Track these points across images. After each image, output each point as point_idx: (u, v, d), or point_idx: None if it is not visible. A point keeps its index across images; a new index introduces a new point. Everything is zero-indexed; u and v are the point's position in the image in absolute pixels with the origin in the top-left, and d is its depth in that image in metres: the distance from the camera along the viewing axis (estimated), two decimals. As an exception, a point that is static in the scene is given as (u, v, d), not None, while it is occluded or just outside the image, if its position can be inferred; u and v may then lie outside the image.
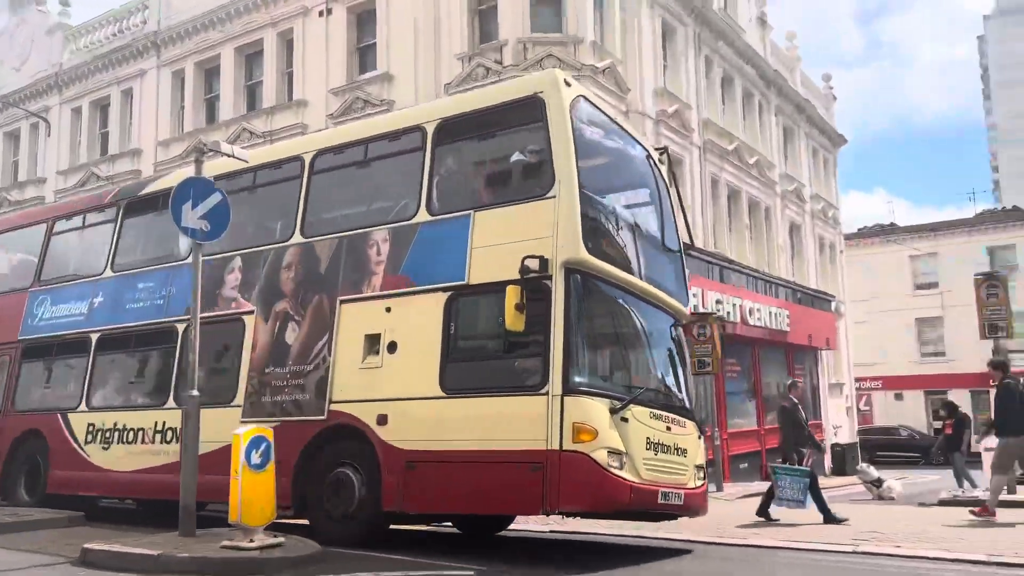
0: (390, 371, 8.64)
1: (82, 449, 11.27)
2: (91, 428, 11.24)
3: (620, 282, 8.46)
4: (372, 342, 8.86)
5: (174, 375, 10.54)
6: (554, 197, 8.04)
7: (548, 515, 7.93)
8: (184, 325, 10.29)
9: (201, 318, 9.13)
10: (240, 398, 9.78)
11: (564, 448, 7.42)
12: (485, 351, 8.47)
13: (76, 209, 13.86)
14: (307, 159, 10.08)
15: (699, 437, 9.35)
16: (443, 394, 8.22)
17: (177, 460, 9.27)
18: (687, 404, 9.39)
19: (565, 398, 7.50)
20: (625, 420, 7.81)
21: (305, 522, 9.22)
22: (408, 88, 20.58)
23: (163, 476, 10.12)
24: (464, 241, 8.47)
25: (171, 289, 10.93)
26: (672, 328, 9.57)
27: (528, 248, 7.95)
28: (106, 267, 11.85)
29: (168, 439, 10.36)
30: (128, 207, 12.11)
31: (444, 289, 8.50)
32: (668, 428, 8.47)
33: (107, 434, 11.05)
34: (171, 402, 10.49)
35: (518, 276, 7.85)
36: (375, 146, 9.82)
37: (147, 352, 11.51)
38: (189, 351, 8.99)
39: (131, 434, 10.81)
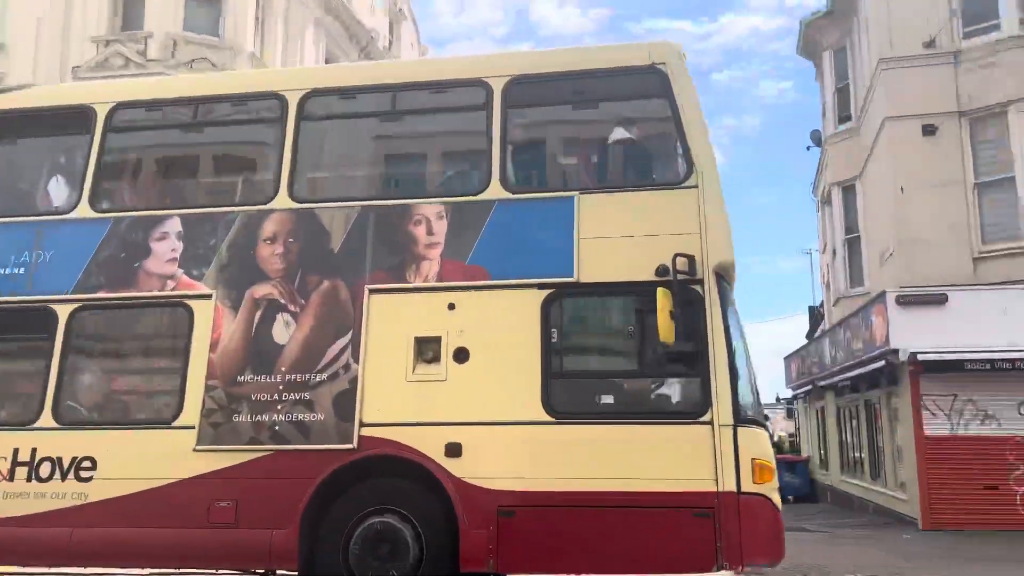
0: (461, 386, 6.60)
1: None
2: None
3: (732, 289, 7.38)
4: (427, 347, 6.73)
5: (52, 379, 7.11)
6: (695, 187, 6.77)
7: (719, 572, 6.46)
8: (70, 307, 7.06)
9: (107, 300, 6.32)
10: (189, 416, 6.83)
11: (743, 491, 6.12)
12: (608, 365, 6.85)
13: None
14: (291, 100, 7.50)
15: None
16: (549, 418, 6.43)
17: (62, 508, 6.25)
18: None
19: (738, 428, 6.22)
20: None
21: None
22: (26, 63, 18.51)
23: (21, 531, 6.74)
24: (568, 229, 6.80)
25: (42, 254, 7.45)
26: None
27: (665, 245, 6.58)
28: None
29: (43, 476, 6.92)
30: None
31: (541, 286, 6.73)
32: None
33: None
34: (46, 418, 7.05)
35: (656, 277, 6.46)
36: (407, 95, 7.63)
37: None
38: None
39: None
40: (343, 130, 7.84)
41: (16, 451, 7.00)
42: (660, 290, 6.28)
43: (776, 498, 6.28)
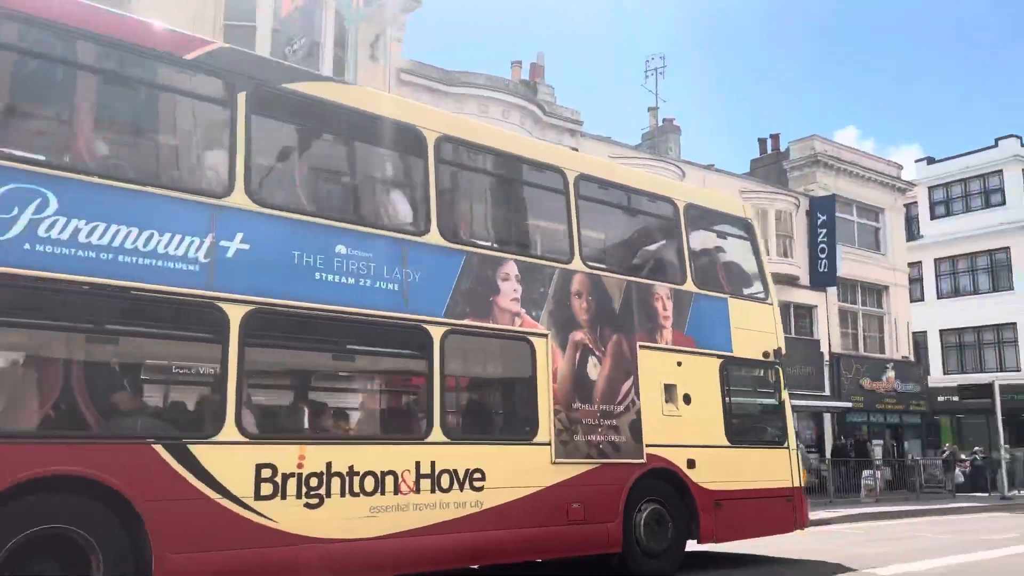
0: (688, 419, 9.81)
1: (249, 509, 6.39)
2: (269, 472, 6.53)
3: None
4: (670, 391, 9.72)
5: (434, 395, 7.66)
6: (771, 304, 11.30)
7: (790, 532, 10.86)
8: (443, 330, 7.93)
9: (473, 328, 8.20)
10: (544, 434, 8.40)
11: (797, 485, 10.89)
12: (746, 411, 10.66)
13: (111, 28, 6.50)
14: (570, 178, 9.39)
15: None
16: (728, 444, 10.17)
17: (471, 513, 7.80)
18: None
19: (792, 451, 10.96)
20: None
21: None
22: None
23: (449, 538, 7.52)
24: (725, 320, 10.60)
25: (412, 274, 7.74)
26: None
27: (762, 339, 10.99)
28: (232, 186, 6.80)
29: (446, 486, 7.55)
30: (261, 100, 7.15)
31: (718, 356, 10.36)
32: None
33: (313, 481, 6.75)
34: (439, 433, 7.60)
35: (761, 358, 10.86)
36: (636, 195, 10.18)
37: (369, 355, 7.42)
38: (447, 364, 7.85)
39: (370, 481, 7.07)
40: (599, 210, 9.83)
41: (419, 463, 7.44)
42: (778, 368, 10.67)
43: (802, 490, 11.25)
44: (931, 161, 41.21)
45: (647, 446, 9.26)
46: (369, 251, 7.49)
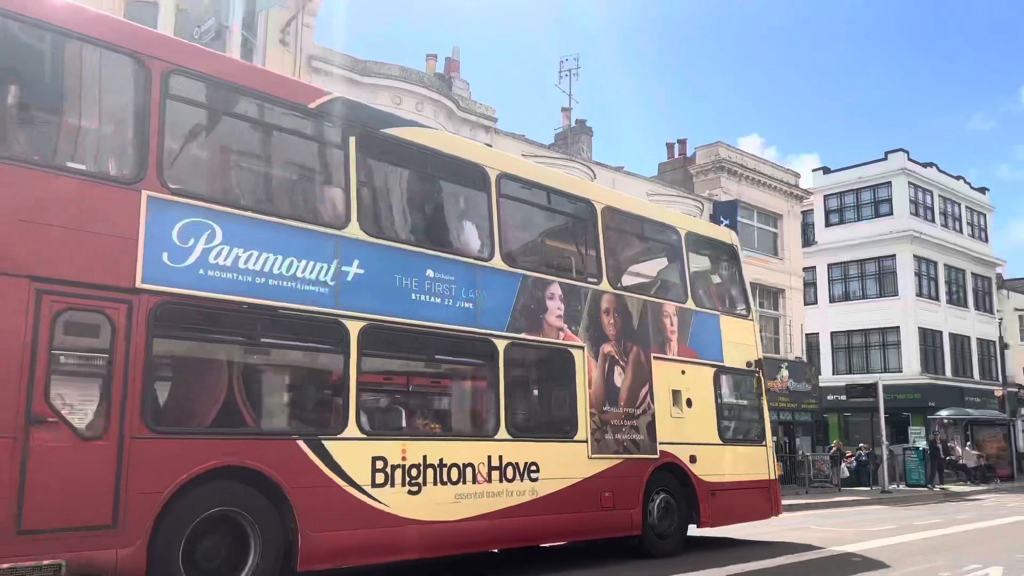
0: (690, 421, 11.35)
1: (367, 495, 7.56)
2: (382, 463, 7.71)
3: None
4: (676, 396, 11.24)
5: (500, 399, 8.95)
6: (752, 321, 12.97)
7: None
8: (505, 343, 9.24)
9: (528, 340, 9.62)
10: (582, 433, 9.79)
11: (773, 478, 12.58)
12: (733, 413, 12.24)
13: (224, 76, 7.48)
14: (598, 208, 10.81)
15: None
16: (720, 442, 11.76)
17: (529, 500, 9.18)
18: None
19: (768, 448, 12.64)
20: None
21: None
22: None
23: (514, 521, 8.82)
24: (718, 334, 12.20)
25: (482, 294, 9.00)
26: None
27: (745, 351, 12.64)
28: (348, 219, 7.95)
29: (510, 476, 8.84)
30: (366, 142, 8.30)
31: (711, 365, 11.94)
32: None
33: (415, 472, 7.95)
34: (503, 432, 8.89)
35: (745, 367, 12.52)
36: (651, 224, 11.65)
37: (448, 363, 8.60)
38: (508, 372, 9.23)
39: (456, 471, 8.31)
40: (619, 238, 11.23)
41: (490, 457, 8.70)
42: (759, 376, 12.34)
43: (775, 482, 12.94)
44: (827, 171, 43.29)
45: (660, 443, 10.75)
46: (451, 274, 8.72)
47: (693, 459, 11.18)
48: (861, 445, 32.31)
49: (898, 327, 39.30)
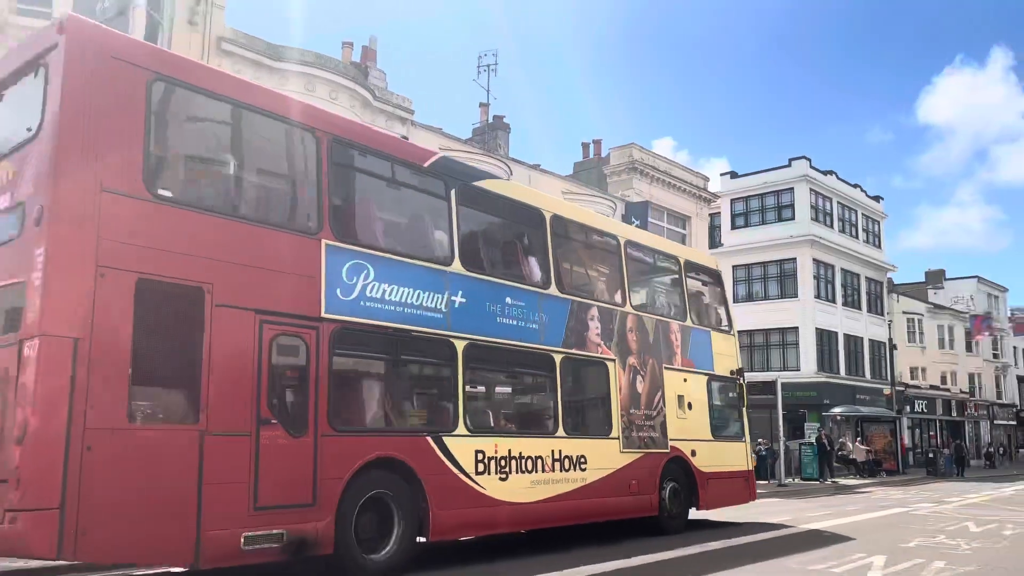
0: (690, 421, 13.55)
1: (472, 481, 9.42)
2: (481, 456, 9.58)
3: None
4: (680, 400, 13.41)
5: (558, 403, 10.92)
6: (733, 335, 15.28)
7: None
8: (559, 356, 11.24)
9: (577, 355, 11.74)
10: (616, 432, 11.86)
11: (750, 468, 14.92)
12: (721, 414, 14.46)
13: (372, 144, 9.36)
14: (621, 242, 12.90)
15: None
16: (712, 438, 14.01)
17: (580, 486, 11.26)
18: None
19: (746, 444, 14.97)
20: None
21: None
22: None
23: (572, 503, 10.81)
24: (709, 347, 14.46)
25: (544, 317, 10.96)
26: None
27: (729, 361, 14.96)
28: (453, 257, 9.80)
29: (567, 467, 10.81)
30: (463, 194, 10.15)
31: (705, 374, 14.17)
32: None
33: (503, 463, 9.85)
34: (561, 431, 10.86)
35: (729, 375, 14.82)
36: (660, 255, 13.81)
37: (521, 374, 10.48)
38: (564, 382, 11.39)
39: (531, 462, 10.24)
40: (635, 266, 13.30)
41: (553, 451, 10.66)
42: (740, 382, 14.66)
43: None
44: (734, 175, 44.94)
45: (670, 440, 12.90)
46: (522, 301, 10.64)
47: (693, 453, 13.38)
48: (760, 441, 34.50)
49: (797, 327, 41.09)
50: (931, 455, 41.01)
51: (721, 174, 46.40)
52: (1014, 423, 63.92)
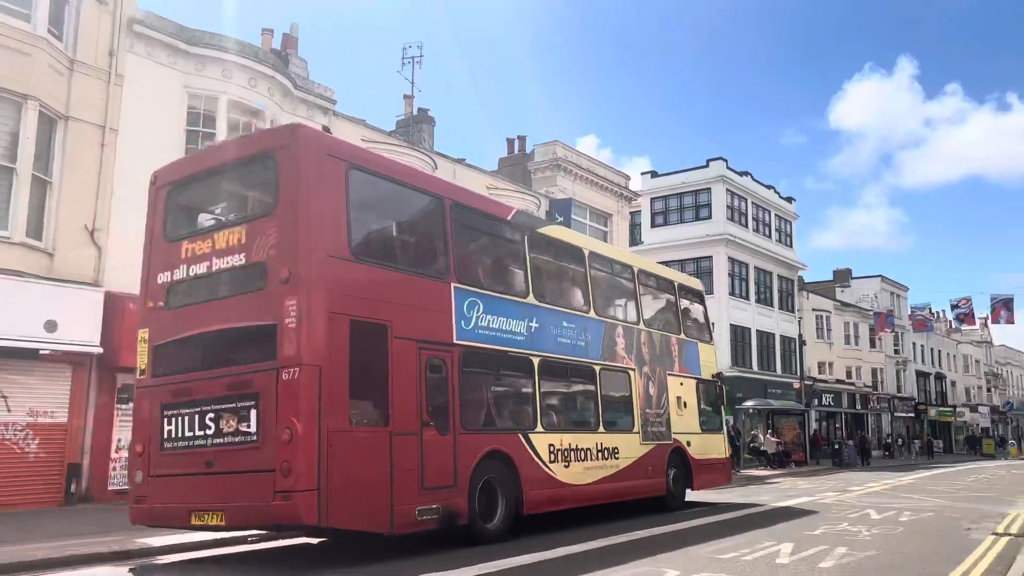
0: (685, 417, 16.49)
1: (548, 468, 12.05)
2: (552, 448, 12.22)
3: None
4: (678, 400, 16.33)
5: (599, 406, 13.66)
6: (713, 345, 18.32)
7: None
8: (598, 366, 14.01)
9: (611, 366, 14.63)
10: (637, 427, 14.67)
11: (728, 456, 17.99)
12: (706, 411, 17.42)
13: (482, 207, 12.18)
14: (634, 269, 15.72)
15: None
16: (700, 431, 16.99)
17: (615, 471, 14.12)
18: None
19: (724, 435, 18.02)
20: None
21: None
22: None
23: (610, 485, 13.59)
24: (697, 356, 17.45)
25: (588, 336, 13.66)
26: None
27: (711, 367, 18.00)
28: (528, 292, 12.41)
29: (606, 456, 13.55)
30: (532, 240, 12.75)
31: (694, 378, 17.14)
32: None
33: (566, 453, 12.50)
34: (601, 428, 13.59)
35: (711, 378, 17.87)
36: (661, 280, 16.70)
37: (574, 383, 13.11)
38: (602, 388, 14.30)
39: (583, 453, 12.92)
40: (644, 289, 16.09)
41: (596, 443, 13.37)
42: (720, 384, 17.74)
43: (726, 459, 18.36)
44: (654, 175, 45.82)
45: (673, 433, 15.79)
46: (572, 324, 13.31)
47: (688, 444, 16.32)
48: None
49: (713, 323, 43.77)
50: (836, 446, 43.11)
51: (642, 173, 46.94)
52: (912, 415, 68.03)
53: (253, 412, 8.75)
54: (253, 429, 8.72)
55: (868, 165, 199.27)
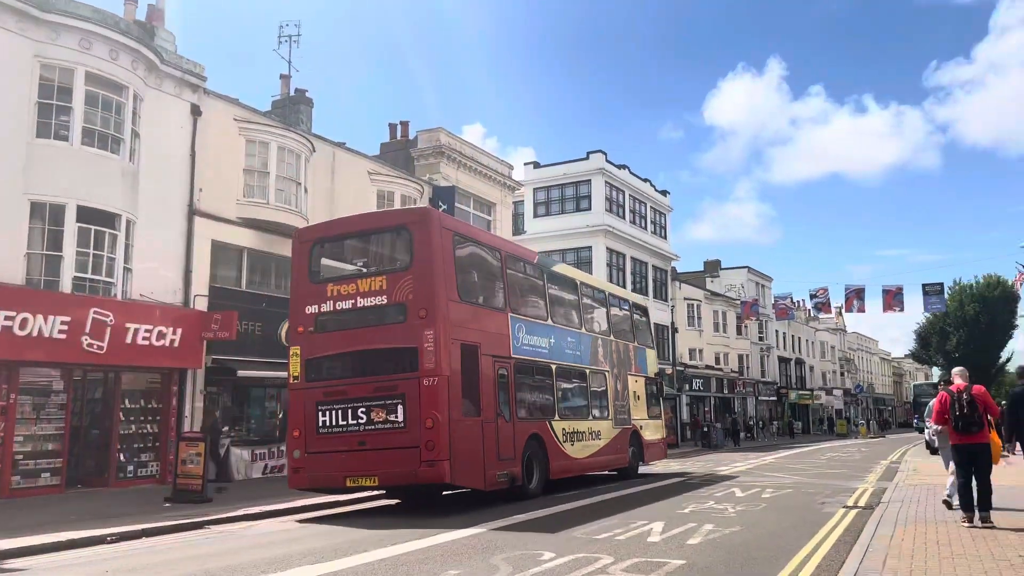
0: (639, 407, 21.24)
1: (563, 446, 16.42)
2: (564, 431, 16.59)
3: None
4: (634, 394, 21.04)
5: (588, 399, 18.15)
6: (654, 349, 23.18)
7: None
8: (588, 369, 18.54)
9: (595, 369, 19.32)
10: (610, 416, 19.29)
11: (665, 436, 22.91)
12: (651, 402, 22.17)
13: (521, 255, 16.44)
14: (606, 293, 20.30)
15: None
16: (648, 418, 21.79)
17: (598, 448, 18.78)
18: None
19: (662, 421, 22.88)
20: None
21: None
22: None
23: (597, 459, 18.13)
24: (645, 359, 22.26)
25: (581, 346, 18.11)
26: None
27: (654, 366, 22.88)
28: (548, 316, 16.72)
29: (593, 437, 18.05)
30: (548, 276, 17.07)
31: (643, 376, 21.91)
32: (614, 429, 23.89)
33: (572, 435, 16.90)
34: (590, 416, 18.09)
35: (654, 376, 22.73)
36: (622, 300, 21.34)
37: (574, 382, 17.46)
38: (590, 386, 19.00)
39: (580, 435, 17.36)
40: (614, 308, 20.61)
41: (588, 428, 17.84)
42: (659, 381, 22.63)
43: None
44: (537, 165, 46.73)
45: (632, 419, 20.48)
46: (573, 338, 17.74)
47: (641, 427, 21.08)
48: None
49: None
50: (705, 429, 44.88)
51: (525, 163, 46.80)
52: (775, 399, 72.18)
53: (400, 407, 12.70)
54: (401, 419, 12.68)
55: (740, 160, 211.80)
